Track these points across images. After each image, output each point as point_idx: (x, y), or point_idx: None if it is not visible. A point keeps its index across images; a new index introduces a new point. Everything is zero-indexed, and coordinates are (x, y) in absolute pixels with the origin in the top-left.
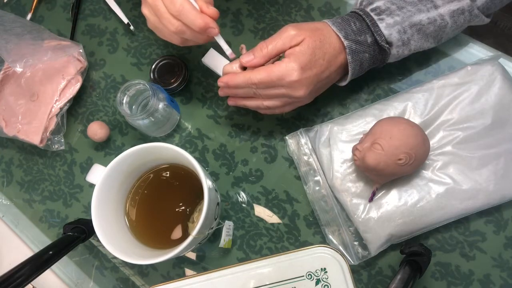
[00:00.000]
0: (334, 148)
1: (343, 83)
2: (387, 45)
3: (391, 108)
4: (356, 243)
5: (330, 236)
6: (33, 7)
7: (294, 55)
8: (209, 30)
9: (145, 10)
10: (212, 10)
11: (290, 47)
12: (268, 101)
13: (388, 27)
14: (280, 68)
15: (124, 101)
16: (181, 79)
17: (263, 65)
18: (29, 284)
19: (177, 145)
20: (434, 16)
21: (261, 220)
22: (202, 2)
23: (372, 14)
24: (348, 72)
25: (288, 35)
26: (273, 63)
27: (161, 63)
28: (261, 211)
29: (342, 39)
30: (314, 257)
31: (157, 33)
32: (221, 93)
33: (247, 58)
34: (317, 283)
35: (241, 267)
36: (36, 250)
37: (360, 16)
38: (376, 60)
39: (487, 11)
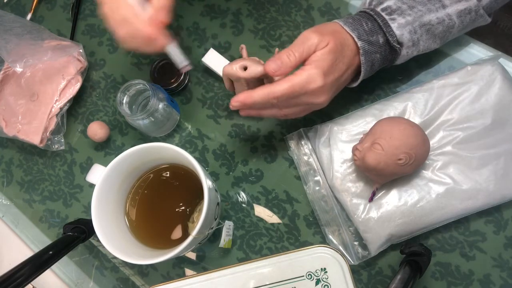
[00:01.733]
0: (334, 148)
1: (354, 85)
2: (398, 45)
3: (391, 108)
4: (356, 243)
5: (330, 236)
6: (33, 7)
7: (316, 61)
8: (156, 41)
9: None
10: (162, 17)
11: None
12: (286, 109)
13: (400, 27)
14: (302, 77)
15: (124, 101)
16: (181, 79)
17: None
18: (29, 284)
19: (177, 145)
20: (442, 16)
21: (261, 220)
22: (153, 10)
23: (383, 14)
24: (359, 73)
25: (312, 43)
26: None
27: (161, 63)
28: (261, 211)
29: (356, 40)
30: (314, 257)
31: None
32: (233, 108)
33: (274, 66)
34: (317, 283)
35: (241, 267)
36: (36, 250)
37: (371, 16)
38: (386, 60)
39: (489, 10)
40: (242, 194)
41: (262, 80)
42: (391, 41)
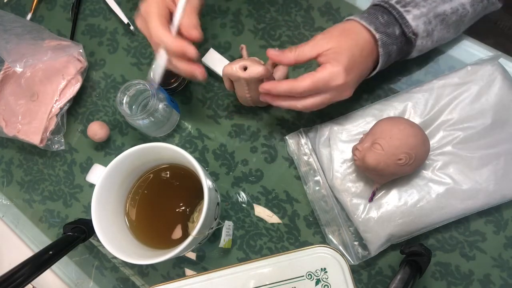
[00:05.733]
0: (334, 148)
1: (369, 76)
2: (414, 36)
3: (391, 108)
4: (356, 243)
5: (330, 236)
6: (33, 7)
7: (334, 58)
8: (186, 53)
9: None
10: (195, 34)
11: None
12: (306, 100)
13: (415, 18)
14: (323, 74)
15: (124, 101)
16: (181, 79)
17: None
18: (29, 284)
19: (177, 145)
20: (456, 6)
21: (261, 220)
22: (184, 27)
23: (397, 6)
24: (375, 65)
25: (321, 44)
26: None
27: None
28: (261, 211)
29: (374, 32)
30: (314, 257)
31: None
32: (262, 97)
33: (275, 52)
34: (317, 283)
35: (241, 267)
36: (36, 250)
37: (385, 9)
38: (401, 51)
39: None
40: (242, 194)
41: (262, 80)
42: (407, 32)
